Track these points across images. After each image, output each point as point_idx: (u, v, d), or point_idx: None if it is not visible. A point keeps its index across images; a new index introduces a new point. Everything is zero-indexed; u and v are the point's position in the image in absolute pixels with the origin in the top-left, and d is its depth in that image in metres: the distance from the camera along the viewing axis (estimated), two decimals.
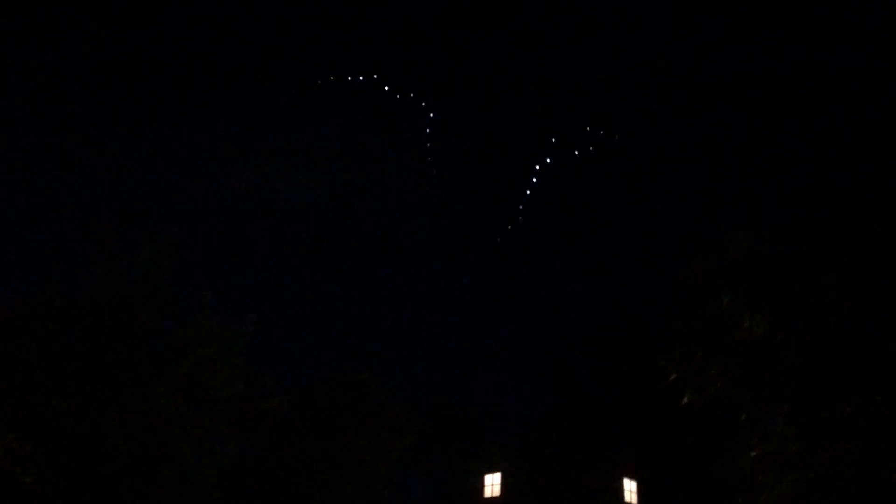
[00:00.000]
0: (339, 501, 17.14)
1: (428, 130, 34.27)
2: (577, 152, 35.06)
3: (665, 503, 28.12)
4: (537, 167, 35.71)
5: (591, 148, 35.89)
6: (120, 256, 14.76)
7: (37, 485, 13.58)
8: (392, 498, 18.36)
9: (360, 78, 34.12)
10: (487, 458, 31.12)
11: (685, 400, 13.08)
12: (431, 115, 34.09)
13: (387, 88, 33.45)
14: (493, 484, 30.63)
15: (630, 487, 29.66)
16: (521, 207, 34.99)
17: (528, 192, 35.45)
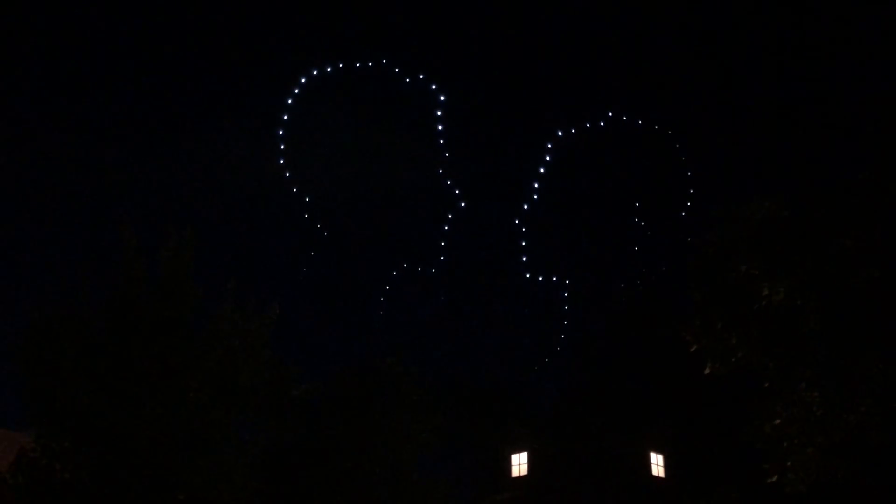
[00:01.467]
0: (369, 484, 17.42)
1: (438, 113, 34.20)
2: (588, 125, 34.92)
3: (692, 474, 28.21)
4: (549, 145, 35.61)
5: (601, 123, 35.69)
6: (142, 253, 15.01)
7: (75, 480, 13.92)
8: (420, 480, 18.58)
9: (370, 63, 34.04)
10: (513, 438, 31.32)
11: (707, 370, 13.15)
12: (442, 97, 33.99)
13: (396, 71, 33.37)
14: (520, 463, 30.85)
15: (657, 461, 29.76)
16: (535, 185, 34.96)
17: (542, 169, 35.33)
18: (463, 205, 34.95)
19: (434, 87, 33.84)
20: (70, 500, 13.69)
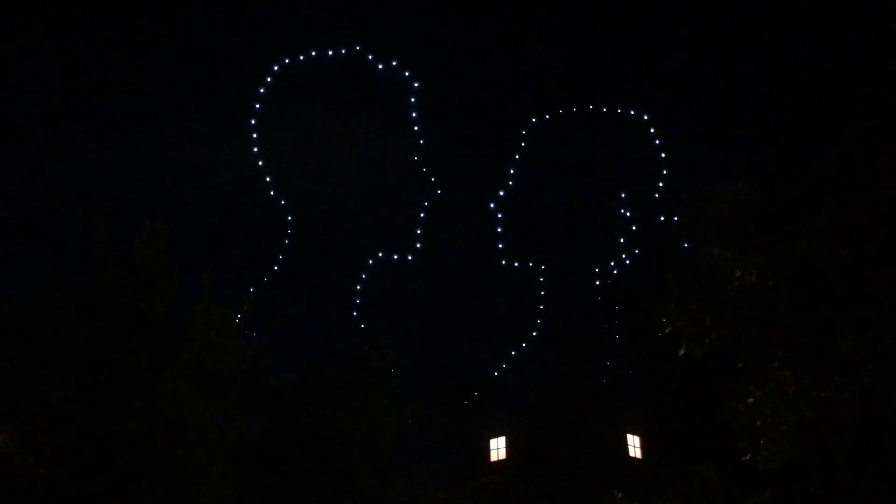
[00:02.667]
0: (348, 471, 17.45)
1: (413, 99, 34.18)
2: (561, 111, 35.19)
3: (668, 454, 28.62)
4: (524, 132, 35.78)
5: (574, 109, 35.93)
6: (115, 247, 14.86)
7: (51, 476, 13.79)
8: (400, 466, 18.68)
9: (343, 51, 33.86)
10: (492, 423, 31.58)
11: (682, 351, 13.32)
12: (416, 84, 33.95)
13: (370, 58, 33.24)
14: (498, 448, 31.13)
15: (634, 442, 30.17)
16: (511, 171, 35.13)
17: (518, 156, 35.52)
18: (439, 192, 35.01)
19: (408, 73, 33.77)
20: (46, 497, 13.57)
